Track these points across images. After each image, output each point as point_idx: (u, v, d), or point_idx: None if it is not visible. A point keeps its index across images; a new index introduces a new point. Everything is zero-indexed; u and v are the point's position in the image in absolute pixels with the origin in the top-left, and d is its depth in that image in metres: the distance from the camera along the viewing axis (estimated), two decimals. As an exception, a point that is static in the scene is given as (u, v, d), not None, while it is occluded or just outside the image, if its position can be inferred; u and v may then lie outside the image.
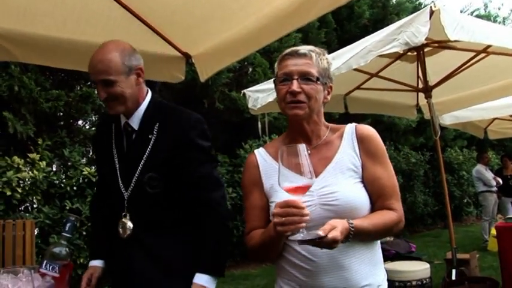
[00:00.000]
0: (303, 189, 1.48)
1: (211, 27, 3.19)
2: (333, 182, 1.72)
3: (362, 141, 1.80)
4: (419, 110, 6.74)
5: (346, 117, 10.20)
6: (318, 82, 1.74)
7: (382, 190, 1.75)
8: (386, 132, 12.53)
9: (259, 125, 8.08)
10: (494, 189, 10.00)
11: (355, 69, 4.49)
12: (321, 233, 1.48)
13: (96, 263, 2.29)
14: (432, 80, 5.08)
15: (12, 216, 5.85)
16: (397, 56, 5.13)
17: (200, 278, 2.07)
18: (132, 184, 2.14)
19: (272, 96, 4.24)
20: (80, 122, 8.33)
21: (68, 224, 1.83)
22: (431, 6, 3.34)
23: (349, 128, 1.86)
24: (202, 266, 2.09)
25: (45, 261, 1.81)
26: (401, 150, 12.46)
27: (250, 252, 1.81)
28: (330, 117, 7.95)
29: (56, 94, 7.05)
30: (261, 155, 1.88)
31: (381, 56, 3.81)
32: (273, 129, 9.23)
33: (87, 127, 8.33)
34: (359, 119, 11.25)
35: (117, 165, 2.21)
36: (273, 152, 1.82)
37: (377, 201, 1.75)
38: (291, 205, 1.46)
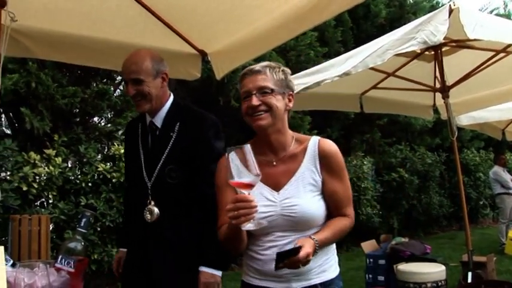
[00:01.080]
0: (250, 186, 1.68)
1: (228, 25, 3.18)
2: (294, 195, 1.93)
3: (323, 157, 1.99)
4: (435, 111, 6.67)
5: (361, 117, 10.17)
6: (275, 92, 1.93)
7: (338, 202, 2.00)
8: (402, 132, 12.45)
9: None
10: (512, 191, 9.87)
11: (372, 68, 4.45)
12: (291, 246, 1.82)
13: (125, 249, 2.64)
14: (449, 79, 5.02)
15: (28, 211, 5.90)
16: (414, 55, 5.08)
17: (205, 269, 2.39)
18: (155, 175, 2.46)
19: (288, 95, 4.23)
20: (95, 119, 8.37)
21: (83, 220, 1.84)
22: (450, 5, 3.30)
23: (313, 143, 2.02)
24: (207, 260, 2.40)
25: (60, 256, 1.82)
26: (417, 151, 12.36)
27: (221, 243, 1.99)
28: (345, 117, 7.97)
29: (73, 91, 7.09)
30: (230, 157, 1.94)
31: (397, 55, 3.77)
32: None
33: (103, 124, 8.37)
34: (375, 118, 11.22)
35: (143, 159, 2.54)
36: (242, 158, 1.86)
37: (334, 211, 2.00)
38: (240, 200, 1.67)
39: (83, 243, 1.84)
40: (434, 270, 4.96)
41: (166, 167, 2.46)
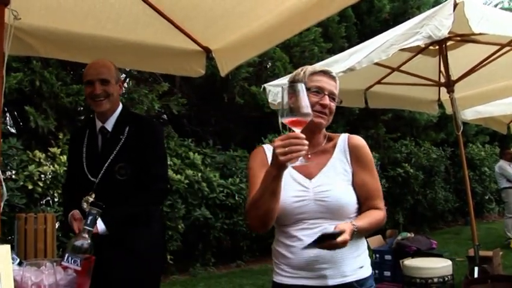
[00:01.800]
0: (301, 123, 1.67)
1: (232, 22, 3.18)
2: (326, 182, 2.00)
3: (353, 150, 2.08)
4: (440, 105, 6.65)
5: (366, 112, 10.16)
6: (336, 101, 2.08)
7: (369, 193, 2.04)
8: (406, 127, 12.42)
9: (280, 120, 8.06)
10: (518, 185, 9.84)
11: (376, 64, 4.43)
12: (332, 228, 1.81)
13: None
14: (454, 74, 4.99)
15: (34, 209, 5.92)
16: (419, 50, 5.06)
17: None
18: (102, 172, 2.76)
19: (292, 91, 4.22)
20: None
21: (90, 217, 1.84)
22: (455, -1, 3.28)
23: (342, 138, 2.13)
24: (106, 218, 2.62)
25: (67, 255, 1.82)
26: (422, 146, 12.33)
27: (249, 212, 1.95)
28: (350, 112, 7.96)
29: (77, 89, 7.10)
30: (268, 149, 2.09)
31: (402, 50, 3.76)
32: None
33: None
34: (380, 113, 11.20)
35: (84, 160, 2.85)
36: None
37: (365, 202, 2.03)
38: (292, 137, 1.65)
39: (89, 241, 1.84)
40: (441, 266, 4.95)
41: (116, 165, 2.76)
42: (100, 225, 2.58)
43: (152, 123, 3.08)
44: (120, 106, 2.94)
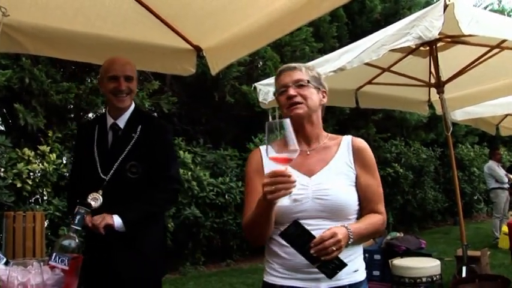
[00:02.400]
0: (288, 160, 1.66)
1: (223, 21, 3.17)
2: (327, 181, 1.95)
3: (357, 152, 2.04)
4: (430, 106, 6.68)
5: (357, 112, 10.18)
6: (310, 85, 2.02)
7: (372, 196, 2.01)
8: (397, 127, 12.46)
9: (270, 119, 8.05)
10: (506, 186, 9.91)
11: (367, 64, 4.45)
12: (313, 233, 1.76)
13: None
14: (444, 75, 5.02)
15: (23, 208, 5.88)
16: (409, 51, 5.08)
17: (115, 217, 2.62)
18: (113, 170, 2.72)
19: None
20: (90, 115, 8.32)
21: (78, 217, 1.83)
22: (445, 0, 3.29)
23: (346, 139, 2.10)
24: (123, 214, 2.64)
25: (54, 254, 1.80)
26: (411, 146, 12.39)
27: (245, 231, 1.99)
28: (340, 112, 7.95)
29: (67, 86, 7.06)
30: (264, 149, 2.01)
31: (392, 50, 3.77)
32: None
33: (98, 120, 8.33)
34: (370, 113, 11.23)
35: (97, 157, 2.78)
36: (275, 148, 1.89)
37: (367, 205, 2.00)
38: (278, 174, 1.65)
39: (77, 241, 1.83)
40: (429, 265, 4.98)
41: (127, 163, 2.73)
42: (117, 221, 2.60)
43: (163, 123, 3.07)
44: (133, 104, 2.93)
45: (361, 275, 2.01)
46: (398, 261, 5.21)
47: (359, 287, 1.98)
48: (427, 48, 4.93)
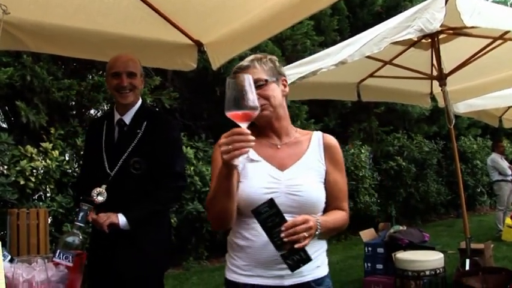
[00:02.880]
0: (247, 116, 1.56)
1: (223, 15, 3.17)
2: (300, 176, 1.93)
3: (328, 149, 2.03)
4: (433, 98, 6.66)
5: (359, 105, 10.16)
6: (269, 82, 1.96)
7: (338, 193, 2.02)
8: (399, 120, 12.44)
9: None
10: (510, 178, 9.88)
11: (368, 57, 4.44)
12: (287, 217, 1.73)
13: None
14: (447, 67, 5.00)
15: (26, 205, 5.89)
16: (411, 43, 5.06)
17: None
18: (118, 165, 2.77)
19: (284, 85, 4.21)
20: (92, 111, 8.33)
21: (81, 213, 1.83)
22: (447, -8, 3.27)
23: (317, 135, 2.08)
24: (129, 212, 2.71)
25: (58, 251, 1.81)
26: (414, 139, 12.37)
27: (207, 210, 1.92)
28: (342, 105, 7.94)
29: (68, 83, 7.05)
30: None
31: (394, 43, 3.75)
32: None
33: (100, 116, 8.34)
34: (372, 107, 11.21)
35: (104, 152, 2.84)
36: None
37: (333, 202, 2.00)
38: (235, 133, 1.57)
39: (80, 237, 1.83)
40: (433, 258, 4.97)
41: (132, 158, 2.77)
42: (122, 220, 2.65)
43: (169, 120, 3.12)
44: (140, 101, 2.97)
45: (324, 270, 2.00)
46: (401, 255, 5.21)
47: (322, 282, 1.96)
48: (429, 40, 4.91)
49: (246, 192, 1.88)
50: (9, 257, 1.74)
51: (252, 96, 1.56)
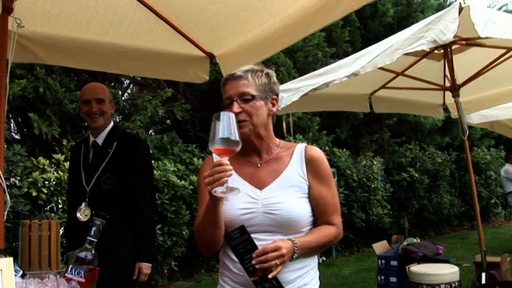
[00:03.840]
0: (229, 151, 1.66)
1: (236, 27, 3.16)
2: (278, 194, 1.88)
3: (310, 162, 1.95)
4: (445, 109, 6.61)
5: (370, 117, 10.12)
6: (256, 99, 1.89)
7: (325, 208, 1.94)
8: (411, 131, 12.40)
9: (284, 125, 8.02)
10: (524, 189, 9.77)
11: (380, 68, 4.39)
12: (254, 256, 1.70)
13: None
14: (459, 78, 4.96)
15: (38, 216, 5.91)
16: (423, 54, 5.03)
17: (143, 263, 3.12)
18: (93, 181, 3.13)
19: (297, 96, 4.18)
20: (104, 123, 8.37)
21: (94, 228, 1.82)
22: (460, 3, 3.24)
23: (299, 148, 2.00)
24: (143, 256, 3.14)
25: (70, 266, 1.79)
26: (426, 150, 12.29)
27: (196, 235, 1.94)
28: (354, 117, 7.92)
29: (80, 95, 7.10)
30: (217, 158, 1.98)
31: (406, 54, 3.72)
32: (297, 129, 9.17)
33: (111, 128, 8.37)
34: (384, 118, 11.17)
35: (82, 171, 3.21)
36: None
37: (321, 217, 1.94)
38: (216, 165, 1.64)
39: (93, 252, 1.81)
40: (448, 272, 4.89)
41: (103, 175, 3.12)
42: (148, 266, 3.15)
43: (136, 139, 3.56)
44: (111, 124, 3.32)
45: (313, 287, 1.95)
46: (416, 268, 5.14)
47: None
48: (441, 51, 4.87)
49: (225, 213, 1.86)
50: (21, 272, 1.73)
51: (235, 132, 1.65)
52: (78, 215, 3.06)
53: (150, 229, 3.25)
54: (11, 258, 1.42)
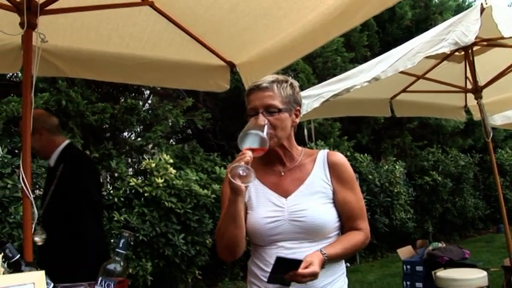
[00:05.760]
0: (261, 150, 1.74)
1: (255, 36, 3.17)
2: (303, 201, 1.89)
3: (333, 167, 1.97)
4: (467, 111, 6.54)
5: (392, 121, 10.06)
6: (282, 112, 1.90)
7: (351, 212, 1.94)
8: (433, 134, 12.28)
9: (305, 132, 8.01)
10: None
11: (401, 72, 4.35)
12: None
13: None
14: (481, 79, 4.90)
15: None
16: (444, 57, 4.98)
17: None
18: (44, 205, 3.17)
19: (318, 102, 4.17)
20: (125, 134, 8.46)
21: (122, 240, 1.82)
22: (482, 3, 3.21)
23: (321, 154, 2.02)
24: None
25: (100, 278, 1.80)
26: (449, 153, 12.14)
27: (217, 239, 1.92)
28: (375, 121, 7.86)
29: (102, 107, 7.18)
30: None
31: (427, 57, 3.69)
32: (318, 135, 9.15)
33: (133, 138, 8.45)
34: (405, 122, 11.08)
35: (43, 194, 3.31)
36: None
37: (347, 222, 1.95)
38: (238, 155, 1.71)
39: (122, 264, 1.82)
40: (476, 276, 4.82)
41: (53, 198, 3.15)
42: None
43: (78, 159, 3.35)
44: (65, 143, 3.31)
45: None
46: (442, 273, 5.07)
47: None
48: (462, 53, 4.82)
49: (251, 222, 1.90)
50: (52, 284, 1.74)
51: (264, 134, 1.75)
52: (35, 238, 2.96)
53: (85, 252, 3.08)
54: (43, 272, 1.43)
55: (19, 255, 1.71)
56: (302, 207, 1.87)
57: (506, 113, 6.60)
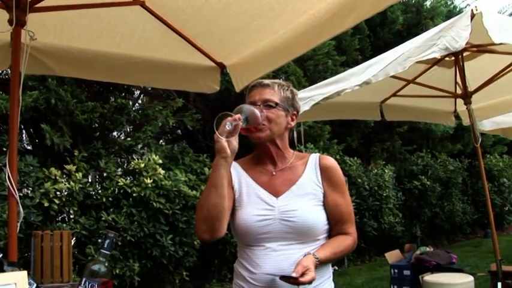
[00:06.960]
0: (248, 128, 1.86)
1: (246, 37, 3.17)
2: (294, 202, 1.91)
3: (324, 171, 1.99)
4: (457, 116, 6.58)
5: (381, 125, 10.09)
6: (278, 107, 1.96)
7: (340, 216, 1.96)
8: (422, 139, 12.33)
9: (295, 134, 8.00)
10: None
11: (392, 76, 4.37)
12: (294, 274, 1.70)
13: None
14: (471, 85, 4.93)
15: (50, 227, 5.93)
16: (434, 62, 5.00)
17: None
18: None
19: (308, 105, 4.17)
20: (115, 133, 8.42)
21: (107, 241, 1.80)
22: (472, 10, 3.23)
23: (313, 157, 2.04)
24: None
25: (84, 279, 1.78)
26: (438, 158, 12.21)
27: (197, 211, 1.87)
28: (365, 125, 7.88)
29: (92, 106, 7.14)
30: (233, 165, 1.99)
31: (417, 62, 3.70)
32: (308, 138, 9.15)
33: (122, 138, 8.41)
34: (395, 126, 11.12)
35: None
36: (243, 166, 2.05)
37: (335, 225, 1.97)
38: None
39: (106, 265, 1.80)
40: (463, 281, 4.84)
41: None
42: None
43: None
44: None
45: None
46: (429, 277, 5.09)
47: None
48: (453, 58, 4.86)
49: (241, 219, 1.91)
50: (35, 285, 1.72)
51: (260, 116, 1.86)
52: None
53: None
54: (25, 272, 1.42)
55: (1, 255, 1.69)
56: (293, 208, 1.89)
57: (495, 118, 6.63)
